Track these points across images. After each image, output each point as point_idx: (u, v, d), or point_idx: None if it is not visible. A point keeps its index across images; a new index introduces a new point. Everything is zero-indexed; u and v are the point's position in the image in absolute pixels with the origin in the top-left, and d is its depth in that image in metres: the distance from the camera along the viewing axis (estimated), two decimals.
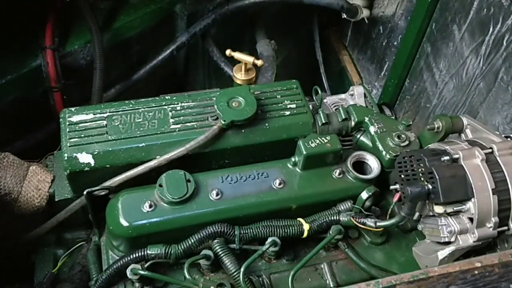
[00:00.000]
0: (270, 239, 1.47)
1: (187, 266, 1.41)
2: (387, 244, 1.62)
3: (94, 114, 1.59)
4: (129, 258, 1.43)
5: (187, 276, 1.41)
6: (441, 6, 2.26)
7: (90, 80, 2.32)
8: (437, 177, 1.36)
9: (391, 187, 1.50)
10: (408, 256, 1.57)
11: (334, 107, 1.94)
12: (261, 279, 1.50)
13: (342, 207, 1.56)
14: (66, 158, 1.51)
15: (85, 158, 1.51)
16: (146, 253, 1.42)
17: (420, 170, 1.41)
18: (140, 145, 1.55)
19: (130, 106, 1.63)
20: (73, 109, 1.61)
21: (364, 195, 1.54)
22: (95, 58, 2.28)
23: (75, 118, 1.58)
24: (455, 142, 1.49)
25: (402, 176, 1.47)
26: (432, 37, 2.37)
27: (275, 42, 2.68)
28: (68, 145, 1.53)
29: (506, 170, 1.39)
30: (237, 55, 2.13)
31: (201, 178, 1.53)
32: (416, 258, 1.53)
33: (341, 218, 1.52)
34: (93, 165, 1.51)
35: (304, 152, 1.56)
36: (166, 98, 1.68)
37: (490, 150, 1.43)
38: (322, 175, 1.59)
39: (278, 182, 1.55)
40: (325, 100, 1.97)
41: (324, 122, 1.67)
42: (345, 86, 3.10)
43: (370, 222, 1.48)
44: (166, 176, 1.49)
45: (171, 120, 1.61)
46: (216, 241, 1.46)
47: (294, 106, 1.69)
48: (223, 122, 1.57)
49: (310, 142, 1.58)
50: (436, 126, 1.63)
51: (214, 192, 1.50)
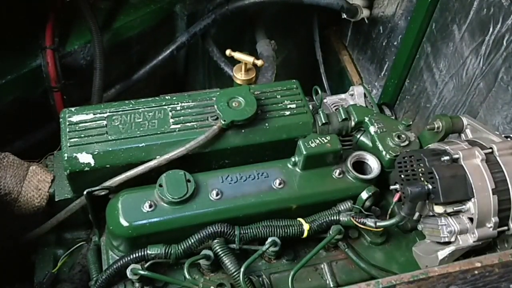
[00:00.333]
0: (270, 239, 1.47)
1: (187, 266, 1.41)
2: (387, 244, 1.62)
3: (94, 114, 1.59)
4: (129, 258, 1.43)
5: (187, 276, 1.41)
6: (441, 6, 2.26)
7: (90, 80, 2.32)
8: (437, 177, 1.36)
9: (391, 187, 1.50)
10: (408, 256, 1.57)
11: (334, 107, 1.94)
12: (261, 279, 1.50)
13: (342, 207, 1.56)
14: (66, 158, 1.51)
15: (85, 158, 1.51)
16: (146, 253, 1.42)
17: (420, 170, 1.41)
18: (140, 145, 1.55)
19: (130, 106, 1.63)
20: (73, 109, 1.61)
21: (364, 195, 1.54)
22: (95, 58, 2.28)
23: (75, 118, 1.58)
24: (455, 142, 1.49)
25: (402, 176, 1.47)
26: (432, 37, 2.37)
27: (275, 42, 2.68)
28: (68, 145, 1.53)
29: (506, 170, 1.39)
30: (237, 55, 2.13)
31: (201, 178, 1.53)
32: (416, 258, 1.53)
33: (341, 218, 1.52)
34: (93, 165, 1.51)
35: (304, 152, 1.56)
36: (166, 98, 1.68)
37: (490, 150, 1.42)
38: (322, 175, 1.59)
39: (278, 182, 1.55)
40: (325, 100, 1.97)
41: (324, 122, 1.67)
42: (345, 86, 3.10)
43: (370, 222, 1.48)
44: (166, 176, 1.49)
45: (171, 120, 1.61)
46: (216, 241, 1.46)
47: (294, 106, 1.69)
48: (223, 122, 1.57)
49: (310, 142, 1.58)
50: (436, 126, 1.62)
51: (214, 192, 1.50)
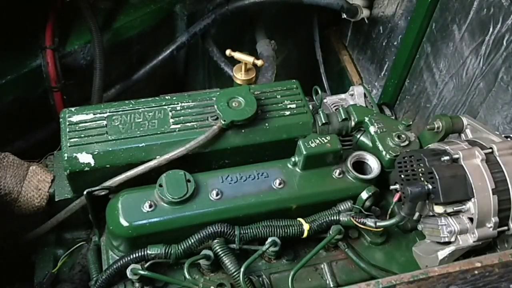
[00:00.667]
0: (270, 239, 1.47)
1: (187, 266, 1.41)
2: (387, 244, 1.62)
3: (94, 114, 1.59)
4: (129, 258, 1.43)
5: (187, 276, 1.41)
6: (441, 6, 2.26)
7: (90, 80, 2.32)
8: (437, 177, 1.36)
9: (391, 187, 1.50)
10: (408, 256, 1.57)
11: (334, 107, 1.94)
12: (261, 279, 1.50)
13: (342, 207, 1.56)
14: (66, 158, 1.51)
15: (85, 158, 1.51)
16: (146, 253, 1.42)
17: (420, 170, 1.41)
18: (140, 145, 1.55)
19: (130, 106, 1.63)
20: (73, 109, 1.61)
21: (364, 195, 1.54)
22: (95, 58, 2.28)
23: (75, 118, 1.58)
24: (455, 142, 1.49)
25: (402, 176, 1.47)
26: (432, 37, 2.37)
27: (275, 42, 2.68)
28: (68, 145, 1.53)
29: (506, 170, 1.39)
30: (237, 55, 2.13)
31: (201, 178, 1.53)
32: (416, 258, 1.53)
33: (341, 218, 1.52)
34: (93, 165, 1.51)
35: (304, 152, 1.56)
36: (166, 98, 1.68)
37: (490, 150, 1.42)
38: (322, 175, 1.59)
39: (278, 182, 1.54)
40: (325, 100, 1.97)
41: (324, 122, 1.67)
42: (345, 86, 3.10)
43: (370, 222, 1.48)
44: (166, 176, 1.49)
45: (171, 120, 1.61)
46: (216, 241, 1.45)
47: (294, 106, 1.69)
48: (223, 122, 1.57)
49: (310, 142, 1.58)
50: (436, 126, 1.62)
51: (214, 192, 1.50)
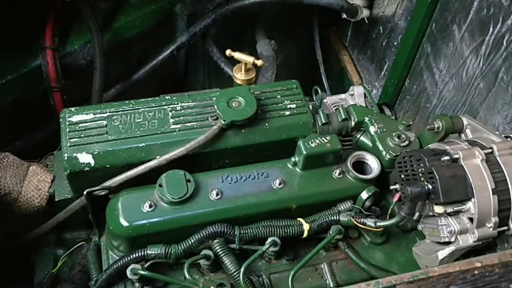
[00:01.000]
0: (270, 239, 1.47)
1: (187, 266, 1.41)
2: (387, 244, 1.62)
3: (94, 114, 1.59)
4: (129, 258, 1.43)
5: (187, 276, 1.41)
6: (441, 6, 2.26)
7: (90, 80, 2.32)
8: (437, 177, 1.36)
9: (391, 187, 1.50)
10: (408, 256, 1.57)
11: (334, 107, 1.94)
12: (261, 279, 1.50)
13: (342, 207, 1.56)
14: (66, 158, 1.51)
15: (85, 158, 1.51)
16: (146, 253, 1.42)
17: (420, 170, 1.41)
18: (140, 145, 1.55)
19: (130, 106, 1.63)
20: (73, 109, 1.61)
21: (364, 195, 1.54)
22: (95, 58, 2.28)
23: (75, 118, 1.58)
24: (455, 142, 1.49)
25: (402, 176, 1.47)
26: (432, 37, 2.37)
27: (275, 42, 2.68)
28: (68, 145, 1.53)
29: (506, 170, 1.39)
30: (237, 55, 2.13)
31: (201, 178, 1.53)
32: (416, 258, 1.53)
33: (341, 218, 1.52)
34: (93, 165, 1.51)
35: (304, 152, 1.56)
36: (166, 98, 1.68)
37: (490, 150, 1.42)
38: (322, 175, 1.59)
39: (278, 182, 1.54)
40: (325, 100, 1.97)
41: (324, 122, 1.67)
42: (345, 86, 3.10)
43: (370, 222, 1.48)
44: (166, 176, 1.49)
45: (171, 120, 1.61)
46: (216, 241, 1.45)
47: (294, 106, 1.69)
48: (223, 122, 1.57)
49: (310, 142, 1.57)
50: (436, 126, 1.62)
51: (214, 192, 1.50)
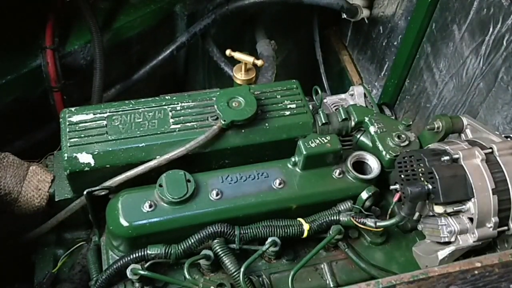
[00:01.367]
0: (270, 239, 1.47)
1: (187, 266, 1.41)
2: (387, 244, 1.62)
3: (94, 114, 1.59)
4: (129, 258, 1.43)
5: (187, 276, 1.41)
6: (441, 6, 2.26)
7: (90, 80, 2.32)
8: (437, 177, 1.36)
9: (391, 187, 1.50)
10: (408, 256, 1.57)
11: (334, 107, 1.94)
12: (261, 279, 1.50)
13: (342, 207, 1.56)
14: (66, 158, 1.51)
15: (85, 158, 1.51)
16: (146, 253, 1.42)
17: (420, 170, 1.41)
18: (140, 145, 1.55)
19: (130, 106, 1.63)
20: (73, 109, 1.61)
21: (364, 195, 1.54)
22: (95, 58, 2.28)
23: (75, 118, 1.58)
24: (455, 142, 1.49)
25: (402, 176, 1.47)
26: (432, 37, 2.37)
27: (275, 42, 2.68)
28: (68, 145, 1.53)
29: (506, 170, 1.39)
30: (237, 55, 2.13)
31: (201, 178, 1.53)
32: (416, 258, 1.53)
33: (341, 218, 1.52)
34: (93, 165, 1.51)
35: (304, 152, 1.56)
36: (166, 98, 1.68)
37: (490, 150, 1.42)
38: (322, 175, 1.59)
39: (278, 182, 1.54)
40: (325, 100, 1.97)
41: (324, 122, 1.67)
42: (345, 86, 3.10)
43: (370, 222, 1.48)
44: (166, 176, 1.49)
45: (171, 120, 1.61)
46: (216, 241, 1.45)
47: (294, 106, 1.69)
48: (223, 122, 1.57)
49: (310, 142, 1.58)
50: (436, 126, 1.62)
51: (214, 192, 1.50)
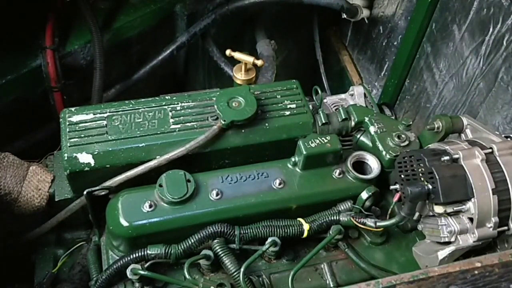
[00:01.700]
0: (270, 239, 1.47)
1: (187, 266, 1.41)
2: (387, 244, 1.62)
3: (94, 114, 1.59)
4: (129, 258, 1.43)
5: (187, 276, 1.41)
6: (441, 6, 2.26)
7: (90, 80, 2.32)
8: (437, 177, 1.36)
9: (391, 187, 1.50)
10: (408, 256, 1.57)
11: (334, 107, 1.94)
12: (261, 279, 1.50)
13: (342, 207, 1.56)
14: (66, 158, 1.51)
15: (85, 158, 1.51)
16: (146, 253, 1.42)
17: (420, 170, 1.41)
18: (140, 145, 1.55)
19: (130, 106, 1.63)
20: (73, 109, 1.61)
21: (364, 195, 1.54)
22: (95, 58, 2.28)
23: (75, 118, 1.58)
24: (455, 142, 1.49)
25: (402, 176, 1.47)
26: (432, 37, 2.37)
27: (275, 42, 2.68)
28: (68, 145, 1.53)
29: (506, 170, 1.39)
30: (237, 55, 2.13)
31: (201, 178, 1.53)
32: (416, 258, 1.53)
33: (341, 218, 1.52)
34: (93, 165, 1.51)
35: (304, 152, 1.56)
36: (166, 98, 1.68)
37: (490, 150, 1.42)
38: (322, 175, 1.59)
39: (278, 182, 1.54)
40: (325, 100, 1.97)
41: (324, 122, 1.67)
42: (345, 86, 3.10)
43: (370, 222, 1.48)
44: (166, 176, 1.49)
45: (171, 120, 1.61)
46: (216, 241, 1.45)
47: (294, 106, 1.69)
48: (223, 122, 1.57)
49: (310, 142, 1.58)
50: (436, 126, 1.62)
51: (214, 192, 1.50)
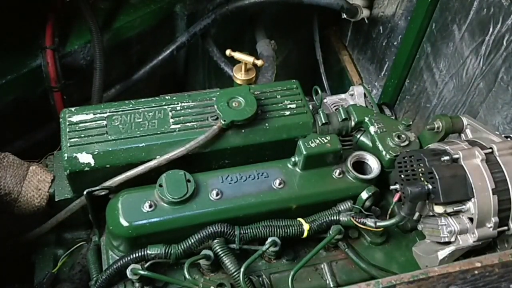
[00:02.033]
0: (270, 239, 1.47)
1: (187, 266, 1.41)
2: (387, 244, 1.62)
3: (94, 114, 1.59)
4: (129, 258, 1.43)
5: (187, 276, 1.41)
6: (441, 6, 2.27)
7: (90, 80, 2.32)
8: (437, 177, 1.36)
9: (391, 187, 1.50)
10: (408, 256, 1.57)
11: (334, 107, 1.94)
12: (261, 279, 1.50)
13: (342, 207, 1.56)
14: (66, 158, 1.51)
15: (85, 158, 1.51)
16: (146, 253, 1.42)
17: (420, 170, 1.41)
18: (140, 145, 1.55)
19: (130, 106, 1.63)
20: (73, 109, 1.61)
21: (364, 195, 1.54)
22: (95, 58, 2.28)
23: (75, 118, 1.58)
24: (455, 142, 1.49)
25: (402, 176, 1.47)
26: (432, 37, 2.37)
27: (275, 42, 2.68)
28: (68, 145, 1.53)
29: (506, 170, 1.39)
30: (237, 55, 2.13)
31: (201, 178, 1.53)
32: (416, 258, 1.53)
33: (341, 218, 1.52)
34: (93, 165, 1.51)
35: (304, 152, 1.56)
36: (166, 98, 1.68)
37: (490, 150, 1.42)
38: (322, 175, 1.59)
39: (278, 182, 1.54)
40: (325, 100, 1.97)
41: (324, 122, 1.67)
42: (345, 86, 3.10)
43: (370, 222, 1.48)
44: (166, 176, 1.49)
45: (171, 120, 1.61)
46: (216, 241, 1.45)
47: (294, 106, 1.69)
48: (223, 122, 1.57)
49: (310, 142, 1.58)
50: (436, 126, 1.62)
51: (214, 192, 1.50)
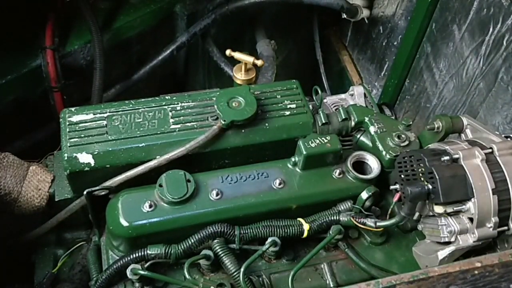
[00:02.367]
0: (270, 239, 1.47)
1: (187, 266, 1.41)
2: (387, 244, 1.62)
3: (94, 114, 1.59)
4: (129, 258, 1.43)
5: (187, 276, 1.41)
6: (441, 6, 2.27)
7: (90, 80, 2.32)
8: (437, 177, 1.36)
9: (391, 187, 1.51)
10: (408, 256, 1.57)
11: (334, 107, 1.94)
12: (261, 279, 1.50)
13: (342, 207, 1.56)
14: (66, 158, 1.51)
15: (85, 158, 1.51)
16: (146, 253, 1.42)
17: (420, 170, 1.41)
18: (140, 145, 1.55)
19: (130, 106, 1.63)
20: (73, 109, 1.61)
21: (364, 195, 1.54)
22: (95, 58, 2.28)
23: (75, 118, 1.58)
24: (455, 142, 1.49)
25: (402, 176, 1.47)
26: (432, 37, 2.37)
27: (275, 42, 2.68)
28: (68, 145, 1.53)
29: (506, 170, 1.39)
30: (237, 55, 2.13)
31: (201, 178, 1.53)
32: (416, 258, 1.53)
33: (341, 218, 1.52)
34: (93, 165, 1.51)
35: (304, 152, 1.56)
36: (166, 98, 1.68)
37: (490, 150, 1.42)
38: (322, 175, 1.59)
39: (278, 182, 1.54)
40: (325, 100, 1.97)
41: (324, 122, 1.67)
42: (345, 86, 3.10)
43: (370, 222, 1.48)
44: (166, 176, 1.49)
45: (171, 120, 1.61)
46: (216, 241, 1.46)
47: (294, 106, 1.69)
48: (223, 122, 1.57)
49: (310, 142, 1.58)
50: (436, 126, 1.62)
51: (214, 192, 1.50)
